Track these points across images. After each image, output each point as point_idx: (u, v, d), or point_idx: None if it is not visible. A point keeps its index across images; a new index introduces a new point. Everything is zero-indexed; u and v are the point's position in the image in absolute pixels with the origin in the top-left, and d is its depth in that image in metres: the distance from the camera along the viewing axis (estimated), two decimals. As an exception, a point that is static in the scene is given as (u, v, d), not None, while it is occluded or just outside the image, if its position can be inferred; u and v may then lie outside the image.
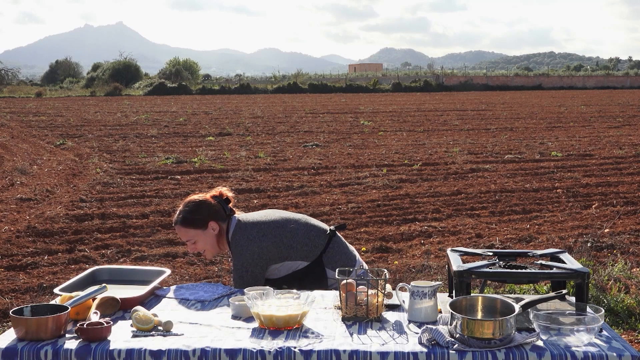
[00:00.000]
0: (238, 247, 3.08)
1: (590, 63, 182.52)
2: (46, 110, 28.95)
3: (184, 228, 3.12)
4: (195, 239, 3.12)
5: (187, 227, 3.12)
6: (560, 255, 2.68)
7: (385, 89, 53.78)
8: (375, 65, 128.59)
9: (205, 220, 3.12)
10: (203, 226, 3.11)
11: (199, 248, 3.14)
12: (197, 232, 3.11)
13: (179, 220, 3.14)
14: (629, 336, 4.48)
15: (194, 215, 3.12)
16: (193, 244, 3.13)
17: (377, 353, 2.08)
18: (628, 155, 13.80)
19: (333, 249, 3.14)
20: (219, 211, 3.15)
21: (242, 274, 3.05)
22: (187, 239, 3.14)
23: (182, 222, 3.13)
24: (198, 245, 3.13)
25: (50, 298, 4.58)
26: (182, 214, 3.14)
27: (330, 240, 3.15)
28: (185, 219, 3.12)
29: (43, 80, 73.61)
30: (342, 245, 3.21)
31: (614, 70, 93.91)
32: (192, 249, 3.16)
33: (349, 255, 3.19)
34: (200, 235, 3.12)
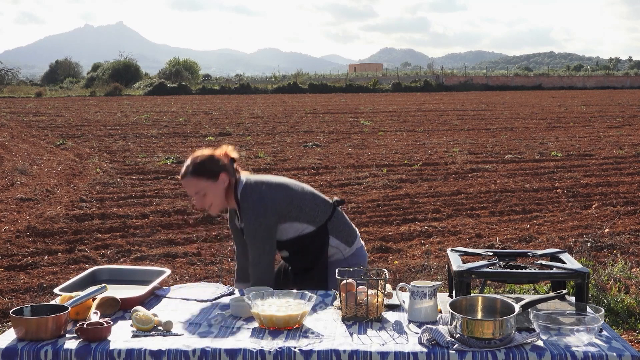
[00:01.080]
0: (249, 200, 3.00)
1: (590, 63, 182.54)
2: (46, 110, 28.96)
3: (194, 179, 2.99)
4: (206, 190, 3.00)
5: (198, 178, 2.99)
6: (560, 255, 2.68)
7: (385, 89, 53.78)
8: (375, 65, 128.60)
9: (217, 171, 3.01)
10: (214, 177, 3.00)
11: (207, 202, 3.01)
12: (208, 184, 2.99)
13: (189, 172, 3.01)
14: (629, 336, 4.48)
15: (205, 166, 3.01)
16: (202, 197, 3.01)
17: (377, 353, 2.08)
18: (628, 155, 13.79)
19: (337, 219, 3.16)
20: (228, 165, 3.06)
21: (255, 228, 2.98)
22: (196, 191, 3.00)
23: (193, 172, 3.00)
24: (207, 198, 3.01)
25: (50, 298, 4.58)
26: (192, 165, 3.01)
27: (334, 210, 3.17)
28: (196, 169, 3.00)
29: (43, 80, 73.62)
30: (345, 218, 3.24)
31: (614, 70, 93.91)
32: (200, 203, 3.03)
33: (351, 228, 3.23)
34: (210, 187, 3.00)
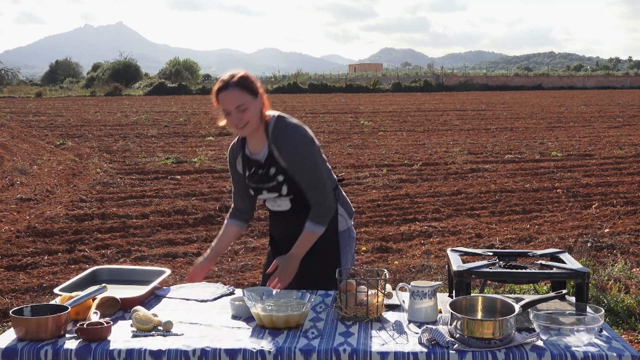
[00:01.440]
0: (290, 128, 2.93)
1: (590, 63, 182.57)
2: (46, 110, 28.96)
3: (239, 91, 2.85)
4: (247, 105, 2.86)
5: (242, 91, 2.85)
6: (560, 255, 2.68)
7: (385, 89, 53.79)
8: (375, 65, 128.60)
9: (257, 88, 2.92)
10: (255, 94, 2.89)
11: (246, 117, 2.87)
12: (250, 99, 2.87)
13: (233, 83, 2.86)
14: (629, 336, 4.48)
15: (248, 81, 2.89)
16: (242, 112, 2.86)
17: (377, 353, 2.08)
18: (628, 155, 13.80)
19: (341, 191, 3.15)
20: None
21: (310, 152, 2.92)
22: (238, 105, 2.85)
23: (238, 84, 2.86)
24: (247, 113, 2.86)
25: (50, 298, 4.58)
26: (235, 79, 2.87)
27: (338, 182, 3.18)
28: (241, 82, 2.87)
29: (43, 80, 73.64)
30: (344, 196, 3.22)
31: (614, 70, 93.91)
32: (237, 119, 2.87)
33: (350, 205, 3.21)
34: (251, 102, 2.88)
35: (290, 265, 2.90)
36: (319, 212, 2.93)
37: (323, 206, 2.94)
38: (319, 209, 2.94)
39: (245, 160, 3.06)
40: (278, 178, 2.95)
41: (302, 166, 2.92)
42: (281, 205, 3.05)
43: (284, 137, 2.92)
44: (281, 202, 3.04)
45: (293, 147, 2.91)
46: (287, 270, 2.88)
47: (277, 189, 2.98)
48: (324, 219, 2.95)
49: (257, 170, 2.99)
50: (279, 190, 2.98)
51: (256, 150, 3.01)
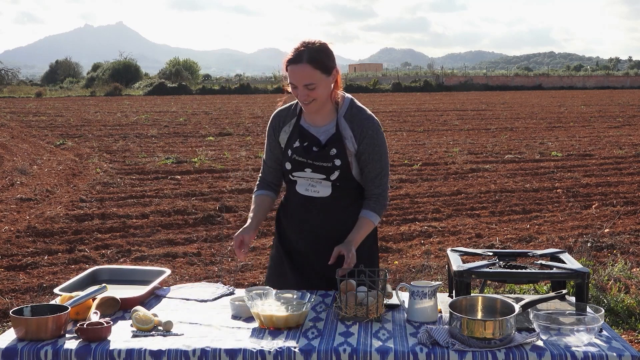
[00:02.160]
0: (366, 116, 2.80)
1: (590, 63, 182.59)
2: (46, 110, 28.96)
3: (311, 68, 2.61)
4: (318, 84, 2.63)
5: (314, 68, 2.61)
6: (560, 255, 2.68)
7: (385, 89, 53.79)
8: (375, 65, 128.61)
9: (332, 65, 2.67)
10: (328, 72, 2.66)
11: (313, 95, 2.65)
12: (322, 77, 2.64)
13: (305, 58, 2.61)
14: (629, 336, 4.48)
15: (324, 56, 2.65)
16: (311, 90, 2.64)
17: (377, 353, 2.08)
18: (628, 155, 13.80)
19: None
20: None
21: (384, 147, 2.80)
22: (308, 82, 2.63)
23: (311, 61, 2.61)
24: (315, 92, 2.65)
25: (50, 298, 4.58)
26: (309, 52, 2.62)
27: None
28: (315, 58, 2.61)
29: (43, 80, 73.64)
30: None
31: (614, 70, 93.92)
32: (304, 96, 2.65)
33: None
34: (323, 80, 2.65)
35: (353, 251, 2.70)
36: (381, 204, 2.82)
37: (384, 198, 2.83)
38: (381, 200, 2.82)
39: (299, 131, 2.81)
40: (335, 161, 2.74)
41: (377, 153, 2.77)
42: (320, 191, 2.81)
43: (362, 120, 2.78)
44: (321, 188, 2.80)
45: (373, 132, 2.76)
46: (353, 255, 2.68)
47: (328, 172, 2.75)
48: (382, 211, 2.85)
49: (312, 146, 2.77)
50: (330, 173, 2.75)
51: (317, 123, 2.81)
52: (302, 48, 2.63)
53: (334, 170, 2.75)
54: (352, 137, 2.76)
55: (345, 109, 2.78)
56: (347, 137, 2.76)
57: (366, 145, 2.76)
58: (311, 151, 2.76)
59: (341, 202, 2.82)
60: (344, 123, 2.77)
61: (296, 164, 2.79)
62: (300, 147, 2.78)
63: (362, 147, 2.76)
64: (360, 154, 2.77)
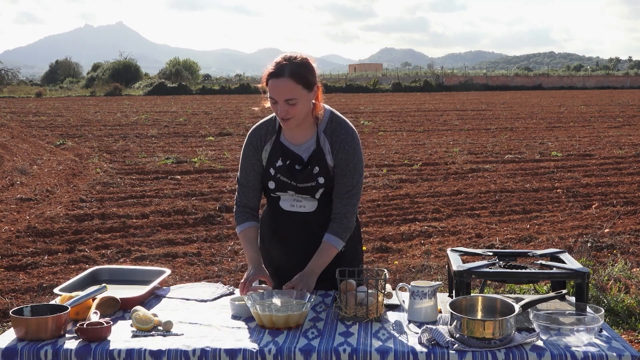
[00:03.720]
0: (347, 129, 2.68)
1: (590, 63, 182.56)
2: (46, 110, 28.96)
3: (294, 84, 2.53)
4: (299, 100, 2.55)
5: (297, 83, 2.53)
6: (560, 255, 2.68)
7: (385, 89, 53.79)
8: (375, 65, 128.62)
9: (314, 82, 2.60)
10: (310, 87, 2.58)
11: (293, 112, 2.57)
12: (303, 93, 2.56)
13: (287, 72, 2.53)
14: (629, 336, 4.48)
15: (306, 72, 2.57)
16: (291, 105, 2.55)
17: (377, 353, 2.08)
18: (628, 155, 13.80)
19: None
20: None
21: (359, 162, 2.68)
22: (288, 98, 2.54)
23: (294, 75, 2.53)
24: (296, 108, 2.56)
25: (50, 298, 4.59)
26: (291, 67, 2.54)
27: None
28: (297, 73, 2.53)
29: (43, 80, 73.64)
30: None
31: (614, 70, 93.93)
32: (284, 112, 2.56)
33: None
34: (304, 96, 2.57)
35: (310, 283, 2.61)
36: (345, 226, 2.67)
37: (349, 219, 2.68)
38: (345, 222, 2.67)
39: (280, 149, 2.71)
40: (319, 179, 2.67)
41: (350, 170, 2.66)
42: (306, 206, 2.74)
43: (342, 132, 2.67)
44: (307, 203, 2.74)
45: (349, 147, 2.65)
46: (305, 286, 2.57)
47: (312, 191, 2.69)
48: (346, 234, 2.69)
49: (294, 164, 2.68)
50: (314, 192, 2.69)
51: (297, 141, 2.71)
52: (284, 62, 2.56)
53: (318, 189, 2.68)
54: (330, 150, 2.67)
55: (325, 123, 2.69)
56: (326, 152, 2.68)
57: (340, 159, 2.66)
58: (294, 170, 2.68)
59: (325, 216, 2.72)
60: (324, 137, 2.68)
61: (280, 184, 2.71)
62: (284, 166, 2.69)
63: (337, 160, 2.67)
64: (335, 167, 2.67)
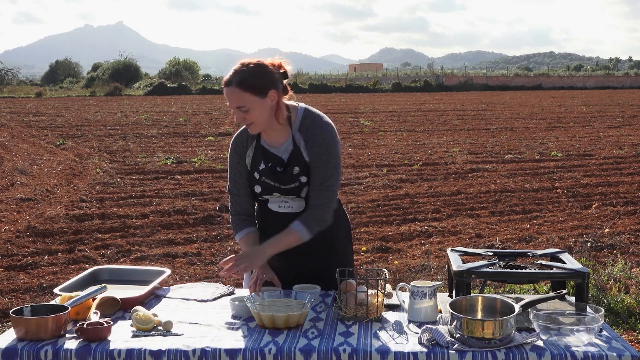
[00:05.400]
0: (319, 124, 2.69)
1: (590, 63, 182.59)
2: (46, 110, 28.96)
3: (240, 91, 2.58)
4: (250, 106, 2.59)
5: (244, 91, 2.58)
6: (560, 255, 2.68)
7: (385, 89, 53.80)
8: (375, 65, 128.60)
9: (267, 87, 2.61)
10: (262, 93, 2.60)
11: (250, 118, 2.62)
12: (254, 100, 2.60)
13: (234, 81, 2.59)
14: (629, 336, 4.48)
15: (255, 78, 2.60)
16: (244, 112, 2.61)
17: (377, 353, 2.08)
18: (628, 155, 13.80)
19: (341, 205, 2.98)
20: (278, 81, 2.66)
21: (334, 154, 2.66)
22: (239, 105, 2.60)
23: (240, 84, 2.58)
24: (251, 114, 2.61)
25: (50, 298, 4.59)
26: (240, 75, 2.59)
27: None
28: (244, 80, 2.58)
29: (43, 80, 73.63)
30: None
31: (614, 70, 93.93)
32: (240, 118, 2.63)
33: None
34: (256, 103, 2.60)
35: (255, 260, 2.60)
36: (316, 217, 2.66)
37: (322, 212, 2.67)
38: (318, 213, 2.67)
39: (261, 153, 2.76)
40: (301, 179, 2.69)
41: (323, 161, 2.66)
42: (293, 207, 2.77)
43: (315, 127, 2.69)
44: (294, 203, 2.76)
45: (321, 139, 2.67)
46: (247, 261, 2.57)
47: (297, 191, 2.71)
48: (316, 227, 2.67)
49: (276, 166, 2.72)
50: (299, 192, 2.71)
51: (276, 143, 2.74)
52: (235, 70, 2.62)
53: (302, 188, 2.70)
54: (305, 147, 2.69)
55: (299, 122, 2.71)
56: (302, 149, 2.69)
57: (313, 153, 2.67)
58: (276, 172, 2.71)
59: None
60: (299, 135, 2.70)
61: (265, 187, 2.74)
62: (266, 169, 2.72)
63: (310, 155, 2.68)
64: (311, 162, 2.68)
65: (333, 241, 2.82)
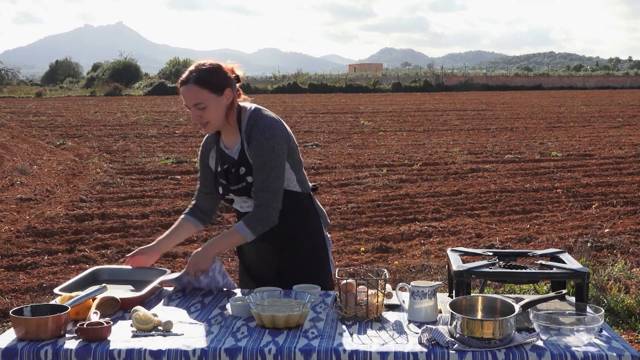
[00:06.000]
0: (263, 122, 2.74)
1: (590, 63, 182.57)
2: (46, 110, 28.96)
3: (197, 88, 2.67)
4: (207, 104, 2.68)
5: (202, 88, 2.67)
6: (560, 255, 2.68)
7: (385, 89, 53.79)
8: (375, 65, 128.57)
9: (223, 85, 2.70)
10: (218, 91, 2.69)
11: (206, 116, 2.70)
12: (211, 97, 2.68)
13: (192, 79, 2.68)
14: (629, 336, 4.48)
15: (211, 76, 2.69)
16: (201, 110, 2.69)
17: (377, 353, 2.08)
18: (628, 155, 13.80)
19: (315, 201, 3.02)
20: (233, 82, 2.76)
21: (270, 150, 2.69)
22: (196, 102, 2.68)
23: (198, 80, 2.67)
24: (207, 112, 2.69)
25: (50, 298, 4.58)
26: (197, 73, 2.68)
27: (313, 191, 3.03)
28: (201, 78, 2.67)
29: (43, 80, 73.62)
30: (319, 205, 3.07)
31: (614, 70, 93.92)
32: (197, 117, 2.72)
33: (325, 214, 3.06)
34: (213, 100, 2.69)
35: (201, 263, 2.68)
36: (258, 217, 2.71)
37: (264, 212, 2.71)
38: (259, 213, 2.71)
39: (220, 155, 2.87)
40: (247, 179, 2.76)
41: (262, 162, 2.70)
42: (252, 206, 2.81)
43: (256, 129, 2.73)
44: (252, 203, 2.80)
45: (260, 141, 2.70)
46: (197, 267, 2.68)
47: (245, 192, 2.78)
48: (259, 227, 2.72)
49: (231, 168, 2.81)
50: (248, 192, 2.78)
51: (230, 145, 2.84)
52: (191, 70, 2.71)
53: (250, 188, 2.76)
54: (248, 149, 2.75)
55: (246, 122, 2.78)
56: (247, 151, 2.76)
57: (253, 155, 2.73)
58: (230, 173, 2.81)
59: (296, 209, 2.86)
60: (245, 137, 2.77)
61: (223, 188, 2.87)
62: (222, 171, 2.85)
63: (251, 157, 2.74)
64: (252, 164, 2.74)
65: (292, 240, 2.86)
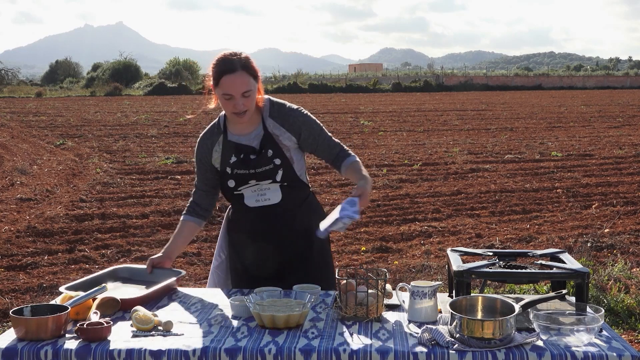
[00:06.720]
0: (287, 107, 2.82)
1: (590, 63, 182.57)
2: (46, 110, 28.95)
3: (247, 75, 2.63)
4: (253, 90, 2.66)
5: (249, 75, 2.64)
6: (560, 255, 2.68)
7: (385, 89, 53.78)
8: (375, 65, 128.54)
9: (257, 73, 2.72)
10: (257, 78, 2.71)
11: (248, 104, 2.67)
12: (254, 84, 2.68)
13: (240, 66, 2.63)
14: (629, 336, 4.48)
15: (251, 64, 2.68)
16: (247, 98, 2.65)
17: (377, 353, 2.08)
18: (628, 155, 13.80)
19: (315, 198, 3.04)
20: None
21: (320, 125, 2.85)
22: (245, 90, 2.63)
23: (245, 67, 2.63)
24: (250, 100, 2.66)
25: (50, 298, 4.59)
26: (241, 61, 2.64)
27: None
28: (246, 65, 2.64)
29: (43, 80, 73.61)
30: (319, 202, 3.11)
31: (614, 70, 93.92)
32: (241, 106, 2.65)
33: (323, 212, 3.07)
34: (255, 87, 2.69)
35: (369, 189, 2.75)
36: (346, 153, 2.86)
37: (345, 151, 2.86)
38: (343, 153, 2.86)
39: (230, 147, 2.80)
40: (275, 161, 2.75)
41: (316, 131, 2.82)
42: (270, 198, 2.79)
43: (288, 114, 2.80)
44: (271, 194, 2.79)
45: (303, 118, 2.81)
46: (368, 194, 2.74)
47: (272, 174, 2.75)
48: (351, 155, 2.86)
49: (249, 155, 2.77)
50: (274, 175, 2.75)
51: (245, 132, 2.80)
52: (233, 57, 2.65)
53: (277, 170, 2.76)
54: (286, 132, 2.79)
55: (268, 109, 2.81)
56: (279, 134, 2.78)
57: (306, 133, 2.81)
58: (250, 161, 2.76)
59: (292, 205, 2.83)
60: (272, 122, 2.79)
61: (239, 179, 2.78)
62: (238, 161, 2.77)
63: (303, 136, 2.81)
64: (305, 142, 2.82)
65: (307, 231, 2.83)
